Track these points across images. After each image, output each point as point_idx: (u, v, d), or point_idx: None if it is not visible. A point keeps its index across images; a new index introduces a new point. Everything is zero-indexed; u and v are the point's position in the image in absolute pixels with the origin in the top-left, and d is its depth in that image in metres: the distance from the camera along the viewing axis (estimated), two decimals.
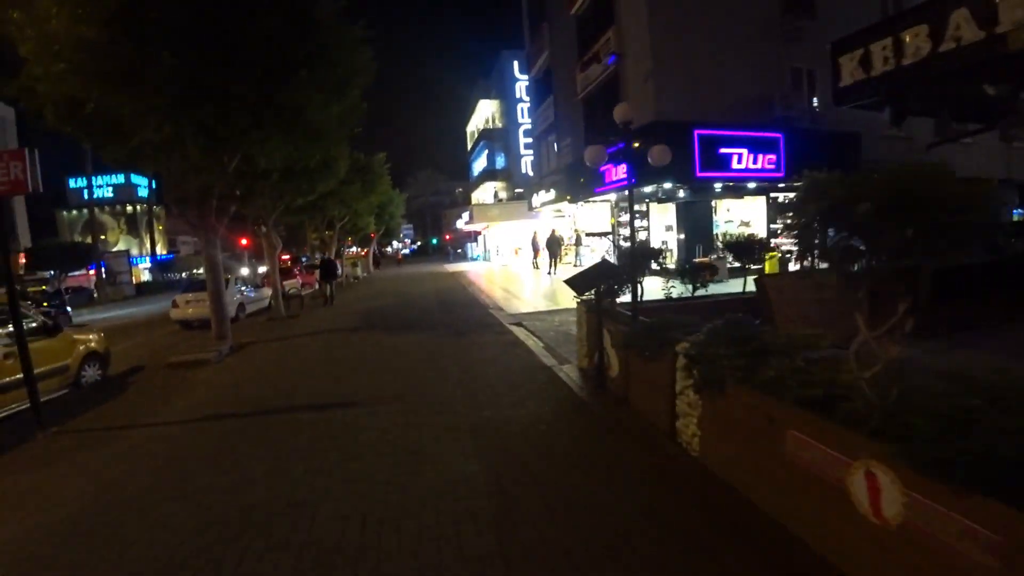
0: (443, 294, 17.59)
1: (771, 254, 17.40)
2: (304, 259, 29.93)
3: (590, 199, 19.77)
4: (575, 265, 24.10)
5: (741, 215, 17.71)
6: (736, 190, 16.45)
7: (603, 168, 16.67)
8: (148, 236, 55.35)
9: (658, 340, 4.35)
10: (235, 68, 8.06)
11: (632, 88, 15.87)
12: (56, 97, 8.12)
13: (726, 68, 15.58)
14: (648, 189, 15.72)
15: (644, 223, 19.98)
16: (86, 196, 40.70)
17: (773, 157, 15.57)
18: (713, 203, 17.08)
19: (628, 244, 6.94)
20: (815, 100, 17.32)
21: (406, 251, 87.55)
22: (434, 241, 71.15)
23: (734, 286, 8.54)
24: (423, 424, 5.05)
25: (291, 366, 8.22)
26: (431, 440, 4.63)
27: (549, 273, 21.16)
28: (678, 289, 7.25)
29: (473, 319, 11.58)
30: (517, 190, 33.82)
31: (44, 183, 5.93)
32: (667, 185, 14.63)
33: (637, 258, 6.09)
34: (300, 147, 9.71)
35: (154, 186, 49.97)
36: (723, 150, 14.71)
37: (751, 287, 7.08)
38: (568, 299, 14.41)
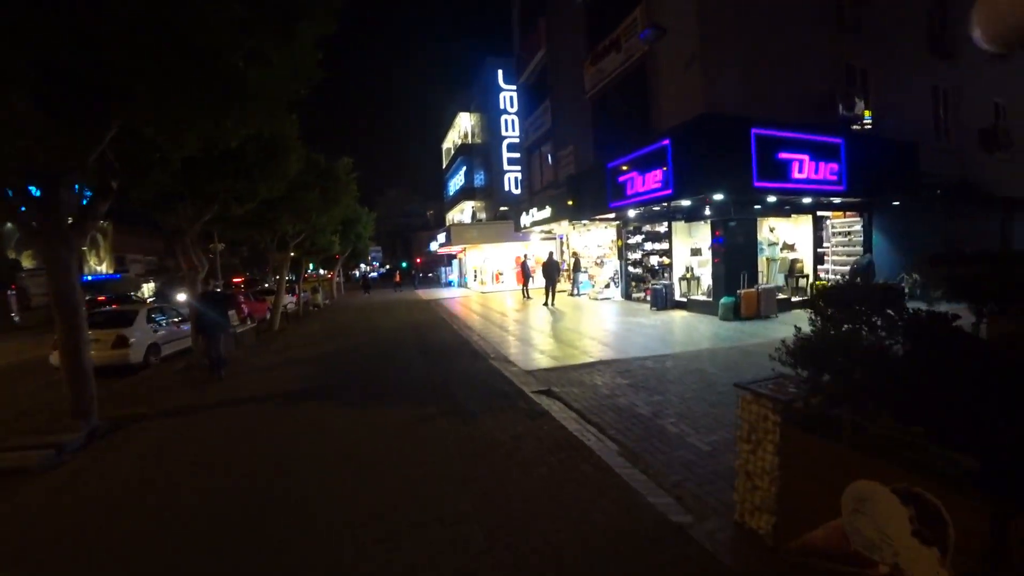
0: (423, 332, 13.95)
1: (819, 282, 14.52)
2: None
3: (599, 217, 16.60)
4: (572, 294, 20.86)
5: (784, 236, 14.80)
6: (781, 206, 13.51)
7: (624, 178, 13.56)
8: (94, 252, 49.42)
9: None
10: None
11: (668, 77, 12.85)
12: None
13: (783, 56, 12.75)
14: (686, 203, 12.60)
15: (659, 245, 16.98)
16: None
17: (835, 166, 12.71)
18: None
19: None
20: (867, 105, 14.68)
21: (374, 275, 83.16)
22: (404, 264, 67.13)
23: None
24: None
25: (159, 498, 4.45)
26: None
27: (546, 304, 17.81)
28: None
29: (474, 379, 8.05)
30: (502, 208, 30.58)
31: None
32: (718, 196, 11.51)
33: None
34: (218, 115, 6.16)
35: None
36: (783, 155, 11.74)
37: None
38: (593, 345, 10.41)
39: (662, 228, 16.50)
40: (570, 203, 17.02)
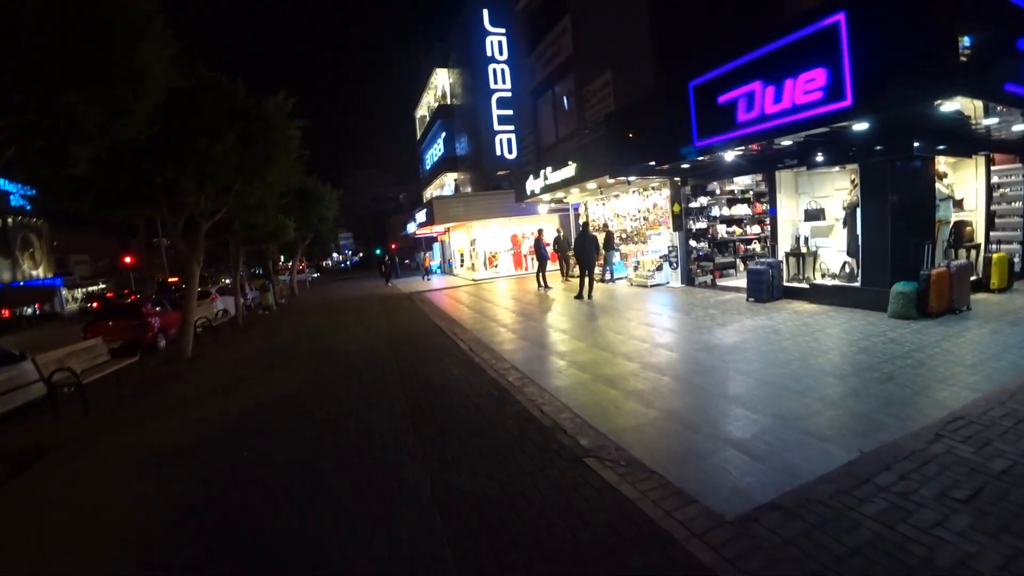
0: (413, 362, 8.39)
1: (998, 255, 9.81)
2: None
3: (667, 166, 11.39)
4: (603, 279, 15.85)
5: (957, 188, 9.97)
6: (971, 140, 8.67)
7: (731, 96, 8.47)
8: (28, 254, 41.04)
9: None
10: None
11: None
12: None
13: None
14: (861, 126, 7.55)
15: (731, 211, 12.17)
16: None
17: None
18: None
19: None
20: None
21: (344, 264, 77.64)
22: (378, 251, 61.02)
23: None
24: None
25: None
26: None
27: (580, 296, 12.78)
28: None
29: None
30: (499, 172, 25.17)
31: None
32: (949, 107, 6.47)
33: None
34: None
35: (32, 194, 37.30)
36: None
37: None
38: (759, 392, 4.15)
39: (746, 185, 11.60)
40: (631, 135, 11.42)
